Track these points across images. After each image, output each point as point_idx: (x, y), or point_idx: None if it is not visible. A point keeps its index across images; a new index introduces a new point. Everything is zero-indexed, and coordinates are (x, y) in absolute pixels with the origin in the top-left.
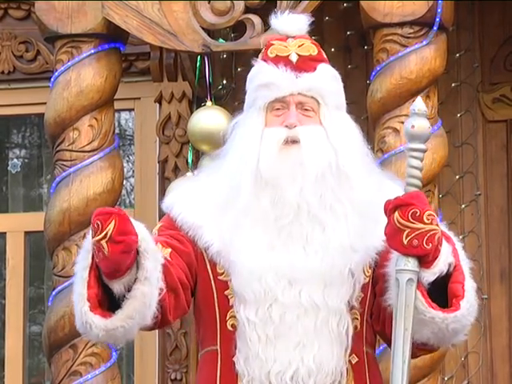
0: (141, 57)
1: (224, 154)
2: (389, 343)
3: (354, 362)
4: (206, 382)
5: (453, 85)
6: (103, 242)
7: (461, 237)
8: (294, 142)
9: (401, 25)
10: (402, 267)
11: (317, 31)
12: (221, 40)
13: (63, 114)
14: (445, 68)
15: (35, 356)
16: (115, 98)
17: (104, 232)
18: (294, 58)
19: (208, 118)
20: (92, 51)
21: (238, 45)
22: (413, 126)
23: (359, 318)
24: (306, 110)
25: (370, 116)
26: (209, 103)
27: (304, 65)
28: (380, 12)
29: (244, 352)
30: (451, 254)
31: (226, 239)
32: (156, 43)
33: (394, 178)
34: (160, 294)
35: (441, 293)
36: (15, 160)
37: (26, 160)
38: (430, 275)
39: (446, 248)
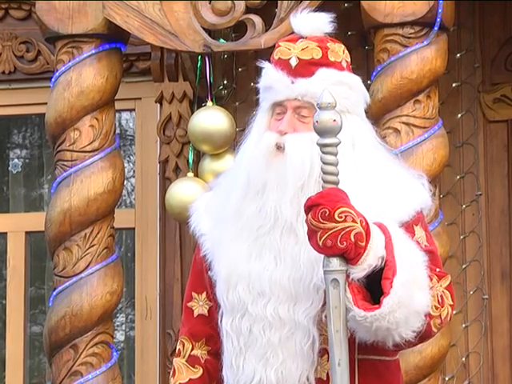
0: (142, 57)
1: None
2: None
3: None
4: None
5: (454, 85)
6: None
7: (461, 237)
8: (282, 149)
9: (401, 25)
10: (325, 268)
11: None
12: (221, 40)
13: (64, 114)
14: (445, 68)
15: (36, 356)
16: (116, 98)
17: None
18: (293, 62)
19: (209, 119)
20: (93, 51)
21: (239, 45)
22: (316, 122)
23: None
24: (303, 115)
25: (371, 116)
26: (209, 103)
27: (302, 69)
28: (381, 12)
29: (224, 358)
30: (383, 247)
31: (215, 248)
32: (157, 43)
33: (418, 177)
34: None
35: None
36: (16, 160)
37: (27, 160)
38: (358, 271)
39: (377, 241)
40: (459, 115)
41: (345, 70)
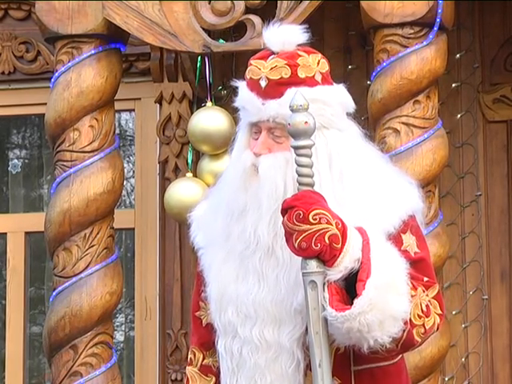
0: (141, 57)
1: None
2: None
3: None
4: None
5: (453, 85)
6: None
7: (461, 237)
8: (257, 170)
9: (401, 25)
10: (303, 270)
11: (317, 32)
12: (221, 40)
13: (64, 115)
14: (445, 68)
15: (35, 356)
16: (116, 98)
17: None
18: (263, 83)
19: (208, 119)
20: (92, 52)
21: (239, 45)
22: (289, 124)
23: None
24: (277, 135)
25: (371, 116)
26: (209, 104)
27: (271, 90)
28: (380, 12)
29: (221, 377)
30: (360, 249)
31: (208, 267)
32: (156, 44)
33: (408, 181)
34: None
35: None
36: (15, 160)
37: (27, 160)
38: (334, 273)
39: (354, 244)
40: (459, 115)
41: (318, 85)
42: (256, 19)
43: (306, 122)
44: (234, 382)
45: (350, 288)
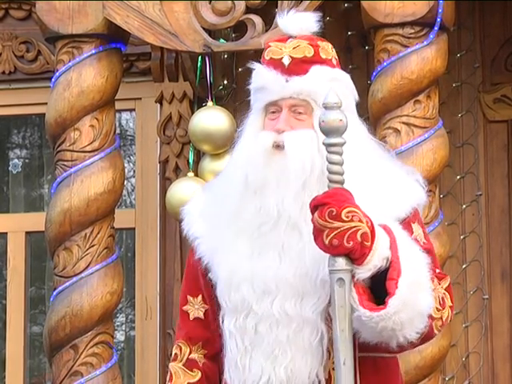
0: (142, 57)
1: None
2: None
3: None
4: None
5: (454, 85)
6: None
7: (462, 237)
8: (281, 147)
9: (402, 25)
10: (330, 267)
11: (317, 31)
12: (222, 40)
13: (64, 115)
14: (446, 68)
15: (36, 356)
16: (116, 98)
17: None
18: (286, 61)
19: (209, 118)
20: (93, 51)
21: (239, 45)
22: (323, 121)
23: None
24: (299, 113)
25: (371, 116)
26: (210, 103)
27: (296, 67)
28: (381, 12)
29: (227, 360)
30: (388, 248)
31: (213, 249)
32: (157, 43)
33: (412, 174)
34: None
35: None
36: (16, 160)
37: (27, 160)
38: (363, 272)
39: (382, 242)
40: (459, 115)
41: (336, 67)
42: (256, 19)
43: (341, 120)
44: (246, 362)
45: (372, 286)
